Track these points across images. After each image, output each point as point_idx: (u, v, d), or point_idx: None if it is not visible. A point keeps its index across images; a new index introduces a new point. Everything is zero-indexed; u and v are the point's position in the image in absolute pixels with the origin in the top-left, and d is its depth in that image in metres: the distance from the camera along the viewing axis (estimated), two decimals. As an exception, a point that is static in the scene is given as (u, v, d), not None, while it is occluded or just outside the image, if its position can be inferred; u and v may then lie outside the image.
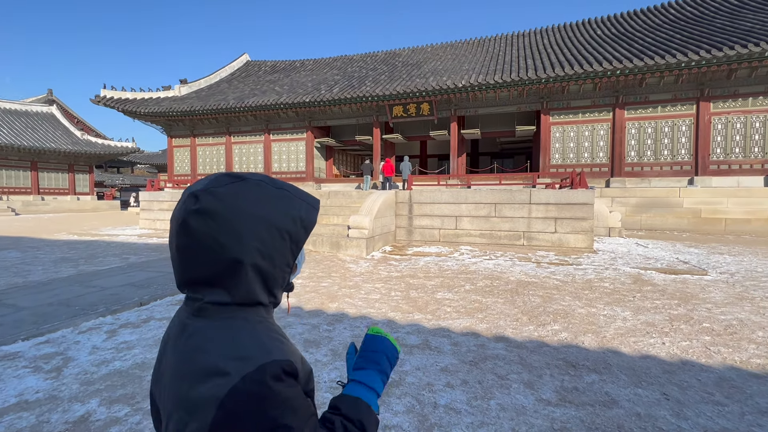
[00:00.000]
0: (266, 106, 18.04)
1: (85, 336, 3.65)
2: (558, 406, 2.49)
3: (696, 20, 16.10)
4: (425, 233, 9.78)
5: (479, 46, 21.50)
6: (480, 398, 2.59)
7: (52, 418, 2.34)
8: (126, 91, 21.32)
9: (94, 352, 3.29)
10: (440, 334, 3.73)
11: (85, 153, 28.07)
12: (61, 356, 3.21)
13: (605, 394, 2.63)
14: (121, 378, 2.85)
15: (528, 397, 2.59)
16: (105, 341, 3.53)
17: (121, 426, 2.27)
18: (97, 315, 4.16)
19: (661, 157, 14.36)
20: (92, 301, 4.71)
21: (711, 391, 2.67)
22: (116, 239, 11.15)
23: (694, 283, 5.65)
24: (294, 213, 0.65)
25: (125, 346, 3.41)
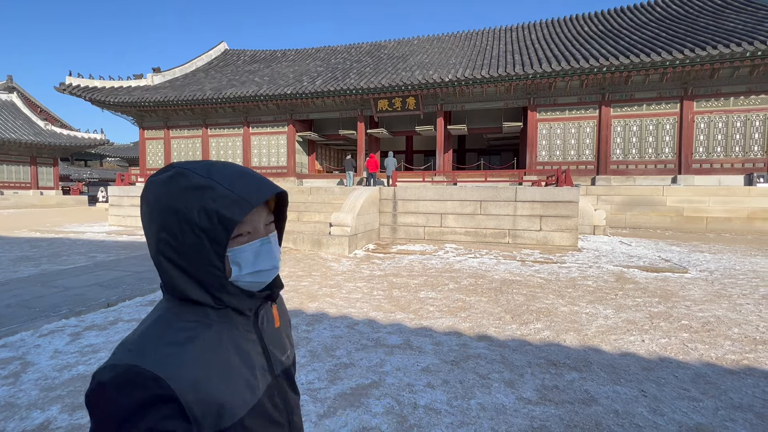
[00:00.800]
0: (245, 98, 17.75)
1: (46, 339, 3.53)
2: (538, 404, 2.55)
3: (681, 19, 16.61)
4: (410, 231, 9.83)
5: (466, 39, 21.66)
6: (460, 398, 2.63)
7: (8, 427, 2.27)
8: (94, 79, 20.61)
9: (56, 357, 3.19)
10: (422, 334, 3.76)
11: (49, 144, 27.04)
12: (20, 361, 3.11)
13: (585, 392, 2.71)
14: (85, 383, 2.78)
15: (509, 397, 2.65)
16: (68, 344, 3.43)
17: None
18: (60, 317, 4.03)
19: (646, 156, 14.80)
20: (55, 302, 4.56)
21: (687, 387, 2.78)
22: (83, 236, 10.81)
23: (674, 281, 5.85)
24: (210, 207, 0.59)
25: (90, 350, 3.32)
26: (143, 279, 5.73)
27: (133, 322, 3.97)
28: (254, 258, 0.65)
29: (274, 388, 0.71)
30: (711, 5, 17.03)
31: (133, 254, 7.90)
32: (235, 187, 0.61)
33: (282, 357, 0.75)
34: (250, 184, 0.63)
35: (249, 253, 0.64)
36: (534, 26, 21.14)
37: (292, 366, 0.79)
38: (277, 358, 0.73)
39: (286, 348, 0.78)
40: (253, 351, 0.68)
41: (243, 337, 0.67)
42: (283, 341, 0.77)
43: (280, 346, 0.76)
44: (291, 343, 0.82)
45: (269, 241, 0.67)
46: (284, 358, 0.76)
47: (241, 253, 0.64)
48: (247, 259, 0.64)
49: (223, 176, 0.62)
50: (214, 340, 0.62)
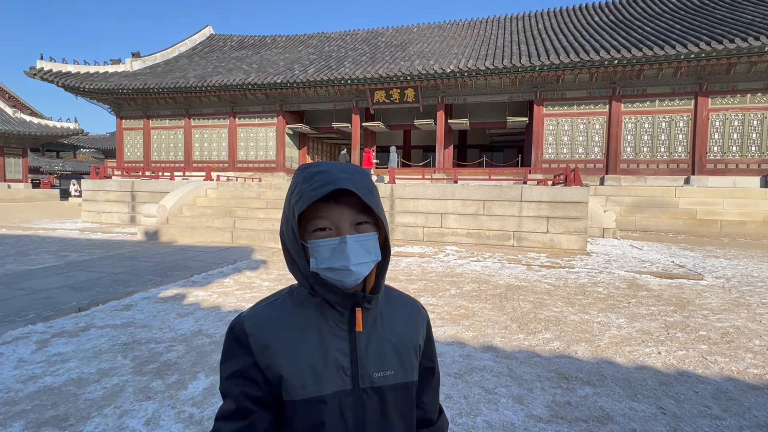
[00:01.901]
0: (232, 86, 17.58)
1: (10, 347, 3.42)
2: (550, 422, 2.50)
3: (696, 10, 16.72)
4: (408, 231, 9.78)
5: (469, 28, 21.64)
6: (465, 415, 2.57)
7: (-36, 446, 2.17)
8: (68, 63, 20.32)
9: (20, 366, 3.09)
10: (423, 344, 3.70)
11: (18, 134, 26.61)
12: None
13: (599, 408, 2.67)
14: (52, 396, 2.68)
15: (518, 414, 2.59)
16: (34, 353, 3.32)
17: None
18: (26, 322, 3.91)
19: (658, 155, 14.88)
20: (20, 305, 4.44)
21: (708, 404, 2.75)
22: (53, 234, 10.62)
23: (690, 288, 5.85)
24: (292, 201, 0.73)
25: (58, 359, 3.22)
26: (119, 281, 5.61)
27: (107, 329, 3.87)
28: (330, 254, 0.70)
29: (349, 398, 0.73)
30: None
31: (108, 254, 7.76)
32: (306, 185, 0.70)
33: (375, 372, 0.75)
34: (316, 182, 0.70)
35: (324, 248, 0.71)
36: (541, 15, 21.19)
37: (395, 391, 0.76)
38: (366, 370, 0.74)
39: (388, 365, 0.76)
40: (334, 348, 0.74)
41: (330, 331, 0.74)
42: (385, 357, 0.77)
43: (379, 360, 0.76)
44: (408, 368, 0.79)
45: (345, 241, 0.70)
46: (378, 375, 0.75)
47: (316, 247, 0.71)
48: (323, 254, 0.71)
49: (307, 175, 0.72)
50: (299, 319, 0.75)
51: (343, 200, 0.71)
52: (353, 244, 0.70)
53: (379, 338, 0.77)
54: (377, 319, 0.78)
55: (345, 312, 0.74)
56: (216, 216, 10.34)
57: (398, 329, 0.80)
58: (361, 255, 0.71)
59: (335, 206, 0.71)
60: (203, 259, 7.40)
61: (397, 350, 0.78)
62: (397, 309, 0.83)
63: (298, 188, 0.72)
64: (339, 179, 0.69)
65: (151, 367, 3.11)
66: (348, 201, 0.71)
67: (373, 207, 0.72)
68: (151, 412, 2.51)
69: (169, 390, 2.79)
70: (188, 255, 7.75)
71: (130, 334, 3.75)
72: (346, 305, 0.74)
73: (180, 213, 10.72)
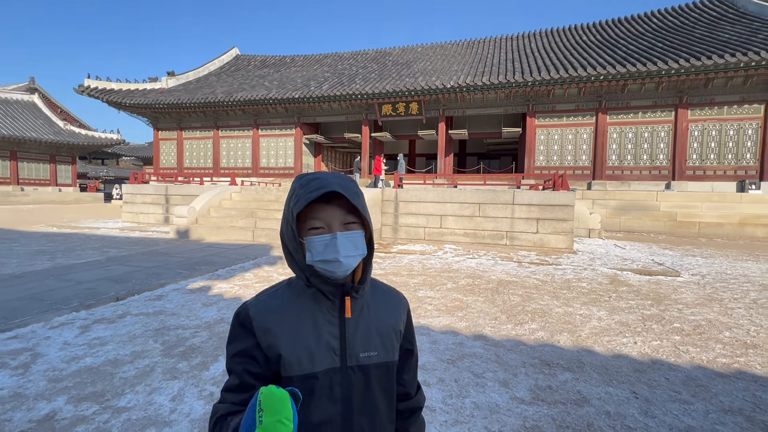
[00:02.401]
0: (255, 101, 17.77)
1: (57, 331, 3.51)
2: (531, 404, 2.50)
3: (677, 30, 16.47)
4: (410, 231, 9.78)
5: (469, 47, 21.58)
6: (455, 396, 2.58)
7: (15, 417, 2.24)
8: (111, 81, 20.71)
9: (65, 348, 3.17)
10: (419, 332, 3.71)
11: (68, 143, 27.21)
12: (30, 352, 3.09)
13: (577, 392, 2.66)
14: (92, 375, 2.75)
15: (503, 396, 2.60)
16: (77, 337, 3.41)
17: (87, 425, 2.19)
18: (71, 310, 4.02)
19: (641, 162, 14.68)
20: (66, 295, 4.56)
21: (678, 390, 2.72)
22: (97, 232, 10.84)
23: (667, 284, 5.77)
24: (290, 204, 0.77)
25: (98, 342, 3.30)
26: (152, 274, 5.71)
27: (141, 316, 3.96)
28: (323, 249, 0.75)
29: (337, 375, 0.76)
30: (706, 17, 16.88)
31: (144, 250, 7.90)
32: (302, 190, 0.75)
33: (361, 352, 0.78)
34: (311, 187, 0.75)
35: (319, 244, 0.75)
36: (534, 35, 21.04)
37: (378, 369, 0.80)
38: (353, 350, 0.78)
39: (372, 347, 0.80)
40: (326, 332, 0.77)
41: (323, 318, 0.78)
42: (370, 340, 0.80)
43: (364, 342, 0.79)
44: (389, 350, 0.82)
45: (336, 237, 0.75)
46: (363, 355, 0.78)
47: (311, 243, 0.76)
48: (317, 249, 0.75)
49: (303, 182, 0.77)
50: (297, 306, 0.78)
51: (334, 203, 0.76)
52: (343, 240, 0.75)
53: (365, 324, 0.80)
54: (364, 307, 0.82)
55: (336, 301, 0.78)
56: (239, 217, 10.45)
57: (382, 316, 0.83)
58: (349, 249, 0.75)
59: (327, 208, 0.76)
60: (227, 255, 7.49)
61: (380, 334, 0.81)
62: (382, 299, 0.87)
63: (295, 193, 0.77)
64: (330, 184, 0.74)
65: (178, 351, 3.17)
66: (338, 203, 0.76)
67: (360, 209, 0.76)
68: (176, 390, 2.57)
69: (193, 371, 2.85)
70: (214, 251, 7.86)
71: (160, 321, 3.83)
72: (337, 294, 0.78)
73: (208, 214, 10.86)
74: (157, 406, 2.37)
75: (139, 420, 2.24)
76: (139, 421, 2.22)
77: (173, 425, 2.20)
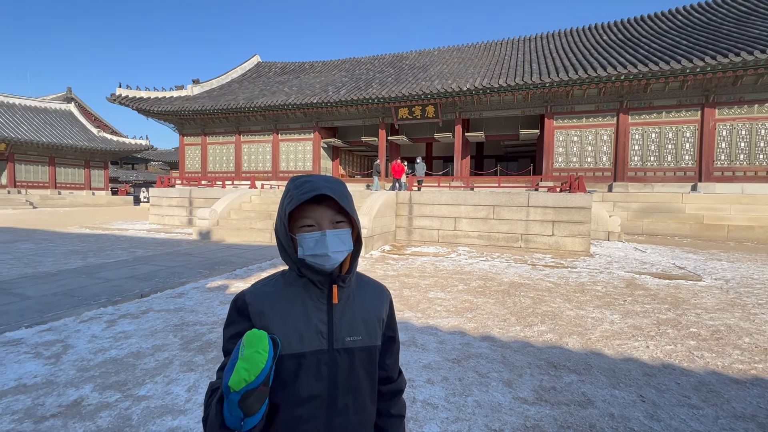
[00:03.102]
0: (275, 107, 18.20)
1: (86, 325, 3.74)
2: (534, 404, 2.51)
3: (703, 27, 15.86)
4: (424, 234, 9.80)
5: (485, 50, 21.43)
6: (458, 395, 2.61)
7: (46, 402, 2.43)
8: (141, 90, 21.65)
9: (93, 341, 3.38)
10: (428, 332, 3.75)
11: (101, 149, 28.58)
12: (62, 343, 3.31)
13: (582, 394, 2.64)
14: (116, 366, 2.93)
15: (505, 395, 2.61)
16: (104, 330, 3.62)
17: (110, 411, 2.34)
18: (99, 305, 4.26)
19: (665, 163, 14.18)
20: (95, 292, 4.83)
21: (688, 395, 2.66)
22: (126, 233, 11.35)
23: (687, 289, 5.59)
24: (284, 203, 0.84)
25: (123, 336, 3.50)
26: (174, 273, 5.97)
27: (162, 312, 4.16)
28: (314, 244, 0.82)
29: (324, 356, 0.83)
30: (735, 12, 16.18)
31: (167, 250, 8.24)
32: (296, 191, 0.83)
33: (347, 336, 0.85)
34: (304, 189, 0.82)
35: (309, 240, 0.82)
36: (552, 36, 20.69)
37: (361, 352, 0.87)
38: (340, 334, 0.85)
39: (356, 332, 0.87)
40: (316, 317, 0.84)
41: (312, 304, 0.85)
42: (355, 325, 0.87)
43: (349, 327, 0.86)
44: (372, 335, 0.89)
45: (325, 234, 0.82)
46: (349, 339, 0.85)
47: (303, 239, 0.83)
48: (308, 245, 0.82)
49: (297, 183, 0.85)
50: (289, 294, 0.86)
51: (324, 204, 0.84)
52: (331, 237, 0.83)
53: (351, 311, 0.88)
54: (350, 297, 0.89)
55: (324, 289, 0.86)
56: (258, 219, 10.73)
57: (366, 305, 0.91)
58: (337, 245, 0.83)
59: (318, 208, 0.83)
60: (245, 255, 7.72)
61: (364, 321, 0.89)
62: (367, 290, 0.94)
63: (289, 194, 0.84)
64: (321, 187, 0.82)
65: (195, 345, 3.33)
66: (328, 204, 0.84)
67: (348, 209, 0.84)
68: (192, 381, 2.71)
69: (209, 364, 2.99)
70: (233, 252, 8.11)
71: (180, 317, 4.01)
72: (325, 283, 0.85)
73: (228, 216, 11.20)
74: (173, 396, 2.51)
75: (157, 408, 2.38)
76: (157, 409, 2.36)
77: (188, 414, 2.33)
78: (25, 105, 28.19)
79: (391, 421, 0.98)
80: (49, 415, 2.28)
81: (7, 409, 2.34)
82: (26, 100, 28.53)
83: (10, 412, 2.31)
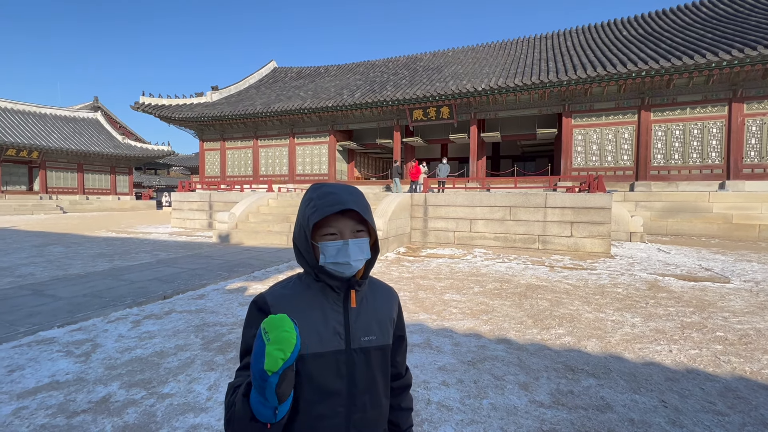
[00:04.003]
0: (291, 111, 18.50)
1: (113, 325, 3.91)
2: (550, 408, 2.48)
3: (729, 18, 15.28)
4: (440, 235, 9.76)
5: (501, 49, 21.22)
6: (473, 397, 2.61)
7: (77, 398, 2.55)
8: (162, 97, 22.37)
9: (120, 340, 3.53)
10: (443, 334, 3.75)
11: (126, 156, 29.65)
12: (91, 342, 3.46)
13: (600, 398, 2.59)
14: (141, 364, 3.05)
15: (521, 398, 2.59)
16: (130, 330, 3.77)
17: (136, 407, 2.45)
18: (125, 306, 4.44)
19: (690, 161, 13.70)
20: (122, 293, 5.03)
21: (713, 401, 2.58)
22: (149, 237, 11.73)
23: (714, 291, 5.39)
24: (307, 212, 0.87)
25: (147, 336, 3.64)
26: (195, 275, 6.14)
27: (184, 313, 4.29)
28: (336, 253, 0.85)
29: (342, 356, 0.86)
30: (763, 2, 15.52)
31: (189, 253, 8.48)
32: (320, 202, 0.85)
33: (362, 337, 0.89)
34: (329, 200, 0.85)
35: (332, 248, 0.85)
36: (570, 33, 20.32)
37: (376, 351, 0.90)
38: (356, 335, 0.88)
39: (371, 332, 0.90)
40: (333, 319, 0.87)
41: (330, 307, 0.88)
42: (370, 326, 0.91)
43: (365, 328, 0.90)
44: (386, 335, 0.93)
45: (348, 243, 0.85)
46: (364, 339, 0.89)
47: (325, 247, 0.86)
48: (330, 253, 0.85)
49: (321, 193, 0.87)
50: (307, 297, 0.88)
51: (348, 215, 0.87)
52: (353, 246, 0.86)
53: (365, 313, 0.91)
54: (364, 299, 0.93)
55: (341, 293, 0.89)
56: (275, 222, 10.92)
57: (379, 307, 0.95)
58: (358, 254, 0.87)
59: (341, 218, 0.86)
60: (263, 258, 7.87)
61: (378, 321, 0.92)
62: (378, 293, 0.98)
63: (313, 203, 0.86)
64: (347, 201, 0.86)
65: (216, 345, 3.43)
66: (351, 215, 0.87)
67: (368, 220, 0.88)
68: (213, 380, 2.79)
69: (228, 363, 3.07)
70: (251, 254, 8.28)
71: (201, 318, 4.14)
72: (342, 288, 0.89)
73: (246, 219, 11.44)
74: (195, 394, 2.60)
75: (180, 405, 2.47)
76: (180, 407, 2.45)
77: (209, 411, 2.41)
78: (56, 114, 29.53)
79: (402, 414, 1.04)
80: (80, 410, 2.40)
81: (42, 404, 2.47)
82: (56, 110, 29.89)
83: (44, 407, 2.44)
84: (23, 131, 25.39)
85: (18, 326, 3.80)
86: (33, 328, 3.73)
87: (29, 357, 3.15)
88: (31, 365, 3.00)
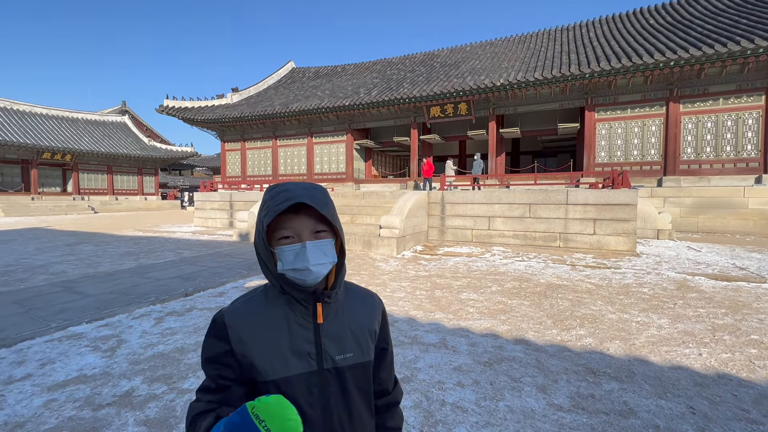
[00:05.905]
0: (308, 111, 18.67)
1: (137, 321, 4.05)
2: (569, 412, 2.40)
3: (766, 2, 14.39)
4: (457, 233, 9.65)
5: (520, 42, 20.74)
6: (489, 399, 2.56)
7: (103, 392, 2.65)
8: (185, 100, 23.01)
9: (143, 336, 3.65)
10: (459, 334, 3.70)
11: (152, 157, 30.70)
12: (116, 338, 3.60)
13: (623, 403, 2.50)
14: (163, 360, 3.15)
15: (539, 401, 2.53)
16: (153, 327, 3.89)
17: (158, 402, 2.52)
18: (149, 303, 4.59)
19: (723, 154, 13.03)
20: (146, 290, 5.20)
21: (746, 408, 2.44)
22: (173, 236, 12.11)
23: (748, 292, 5.10)
24: (259, 216, 0.80)
25: (169, 332, 3.75)
26: (216, 273, 6.30)
27: (205, 310, 4.40)
28: (293, 258, 0.76)
29: (314, 378, 0.77)
30: (806, -16, 14.54)
31: (210, 252, 8.70)
32: (272, 202, 0.77)
33: (336, 355, 0.79)
34: (279, 198, 0.76)
35: (289, 253, 0.77)
36: (593, 23, 19.65)
37: (354, 370, 0.81)
38: (329, 354, 0.78)
39: (347, 349, 0.80)
40: (301, 337, 0.78)
41: (297, 323, 0.79)
42: (345, 342, 0.81)
43: (339, 345, 0.80)
44: (365, 350, 0.83)
45: (305, 246, 0.76)
46: (339, 358, 0.79)
47: (282, 252, 0.77)
48: (287, 258, 0.77)
49: (273, 194, 0.79)
50: (272, 313, 0.79)
51: (303, 213, 0.77)
52: (312, 249, 0.76)
53: (340, 326, 0.81)
54: (339, 311, 0.83)
55: (309, 306, 0.79)
56: (294, 220, 11.03)
57: (357, 318, 0.85)
58: (319, 257, 0.77)
59: (296, 218, 0.77)
60: (282, 256, 7.97)
61: (355, 336, 0.82)
62: (357, 301, 0.87)
63: (266, 205, 0.78)
64: (298, 195, 0.76)
65: (234, 342, 3.49)
66: (307, 213, 0.78)
67: (329, 217, 0.78)
68: (230, 377, 2.84)
69: (245, 360, 3.12)
70: (271, 253, 8.40)
71: (220, 316, 4.23)
72: (309, 300, 0.79)
73: (266, 218, 11.60)
74: (213, 390, 2.66)
75: (198, 401, 2.53)
76: (198, 402, 2.51)
77: (226, 407, 2.45)
78: (87, 119, 30.86)
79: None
80: (105, 404, 2.50)
81: (70, 396, 2.58)
82: (87, 114, 31.23)
83: (72, 399, 2.54)
84: (57, 135, 26.66)
85: (50, 321, 3.99)
86: (63, 324, 3.91)
87: (60, 351, 3.29)
88: (61, 359, 3.14)
